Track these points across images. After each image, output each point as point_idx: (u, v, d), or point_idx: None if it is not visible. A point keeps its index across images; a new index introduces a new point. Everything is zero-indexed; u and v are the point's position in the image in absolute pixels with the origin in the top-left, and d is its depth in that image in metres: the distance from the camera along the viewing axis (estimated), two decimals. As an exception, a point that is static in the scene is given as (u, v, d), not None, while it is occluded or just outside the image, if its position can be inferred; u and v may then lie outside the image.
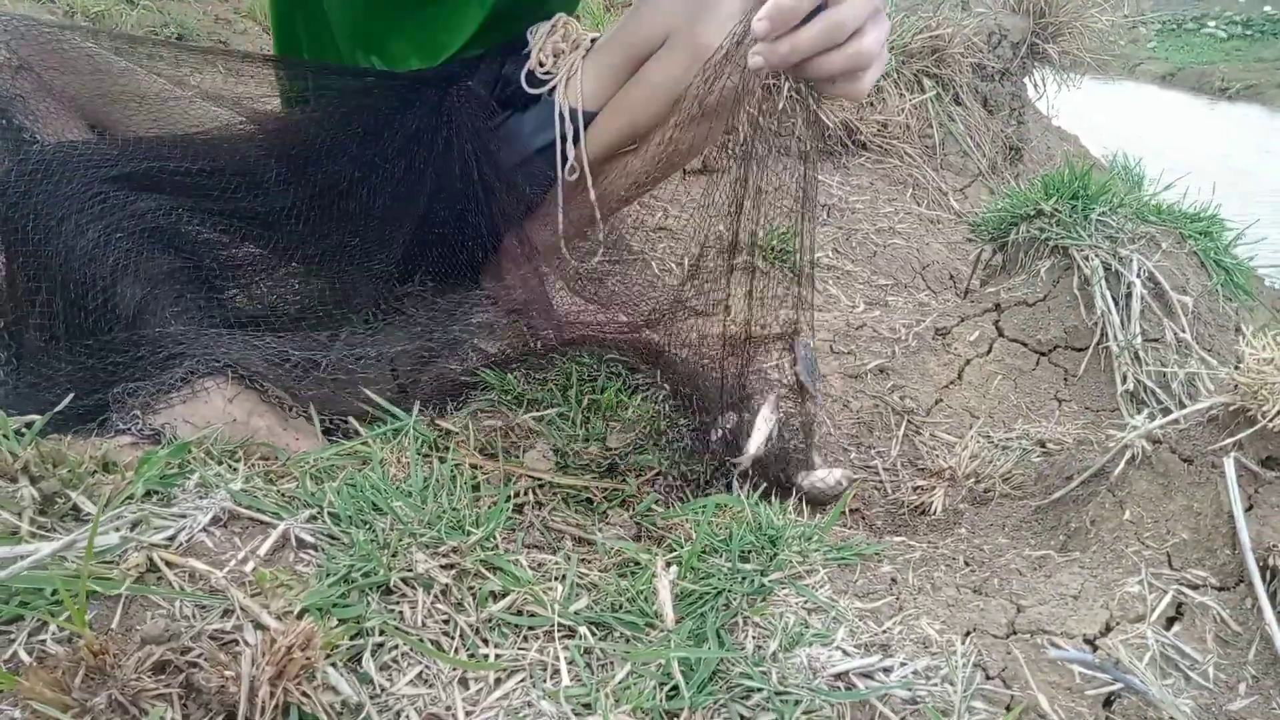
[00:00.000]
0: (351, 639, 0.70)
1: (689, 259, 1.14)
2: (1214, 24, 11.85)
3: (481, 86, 1.44)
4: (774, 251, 1.81)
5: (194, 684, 0.61)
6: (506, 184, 1.39)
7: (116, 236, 1.06)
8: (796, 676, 0.75)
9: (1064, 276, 1.51)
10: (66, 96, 1.21)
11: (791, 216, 1.03)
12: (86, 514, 0.76)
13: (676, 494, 1.11)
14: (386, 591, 0.77)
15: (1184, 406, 1.08)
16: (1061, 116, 3.45)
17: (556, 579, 0.84)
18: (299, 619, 0.68)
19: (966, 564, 0.98)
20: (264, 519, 0.80)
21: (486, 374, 1.23)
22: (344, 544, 0.81)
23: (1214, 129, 7.29)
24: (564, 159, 1.41)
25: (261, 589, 0.71)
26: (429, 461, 0.99)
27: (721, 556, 0.91)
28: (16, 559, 0.67)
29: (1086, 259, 1.47)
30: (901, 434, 1.37)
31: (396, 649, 0.72)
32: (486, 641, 0.76)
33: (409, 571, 0.78)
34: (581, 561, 0.88)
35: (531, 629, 0.78)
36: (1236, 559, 0.86)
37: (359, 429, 1.07)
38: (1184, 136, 6.51)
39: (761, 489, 1.12)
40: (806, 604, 0.85)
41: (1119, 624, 0.82)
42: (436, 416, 1.13)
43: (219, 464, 0.89)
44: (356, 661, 0.70)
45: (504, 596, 0.80)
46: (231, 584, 0.70)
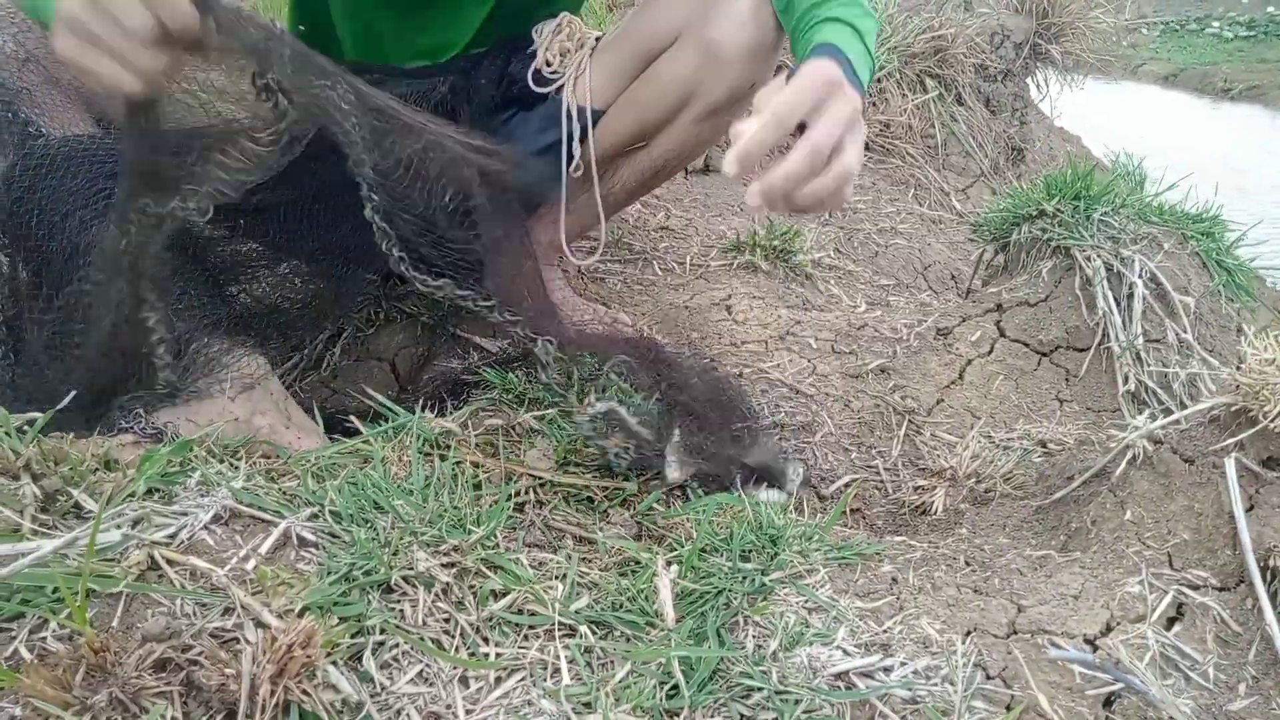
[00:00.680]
0: (352, 637, 0.70)
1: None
2: (1217, 24, 11.83)
3: (486, 84, 1.44)
4: (775, 251, 1.82)
5: (195, 682, 0.61)
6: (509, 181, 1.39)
7: None
8: (797, 676, 0.75)
9: (1066, 277, 1.50)
10: (73, 90, 1.21)
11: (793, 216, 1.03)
12: (88, 512, 0.76)
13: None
14: (387, 590, 0.77)
15: (1185, 407, 1.08)
16: (1064, 117, 3.44)
17: (557, 578, 0.84)
18: (300, 617, 0.68)
19: (967, 564, 0.98)
20: (265, 517, 0.80)
21: (488, 372, 1.23)
22: (345, 542, 0.81)
23: (1216, 130, 7.28)
24: (570, 157, 1.40)
25: (262, 587, 0.71)
26: (430, 460, 0.99)
27: (722, 556, 0.91)
28: (18, 556, 0.67)
29: (1088, 259, 1.47)
30: (902, 434, 1.37)
31: (397, 647, 0.72)
32: (487, 640, 0.76)
33: (410, 570, 0.78)
34: (582, 560, 0.89)
35: (532, 628, 0.78)
36: (1237, 559, 0.86)
37: (360, 427, 1.07)
38: (1186, 137, 6.49)
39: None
40: (807, 603, 0.85)
41: (1119, 624, 0.82)
42: (438, 415, 1.13)
43: (220, 462, 0.89)
44: (357, 660, 0.70)
45: (505, 595, 0.80)
46: (232, 582, 0.71)
